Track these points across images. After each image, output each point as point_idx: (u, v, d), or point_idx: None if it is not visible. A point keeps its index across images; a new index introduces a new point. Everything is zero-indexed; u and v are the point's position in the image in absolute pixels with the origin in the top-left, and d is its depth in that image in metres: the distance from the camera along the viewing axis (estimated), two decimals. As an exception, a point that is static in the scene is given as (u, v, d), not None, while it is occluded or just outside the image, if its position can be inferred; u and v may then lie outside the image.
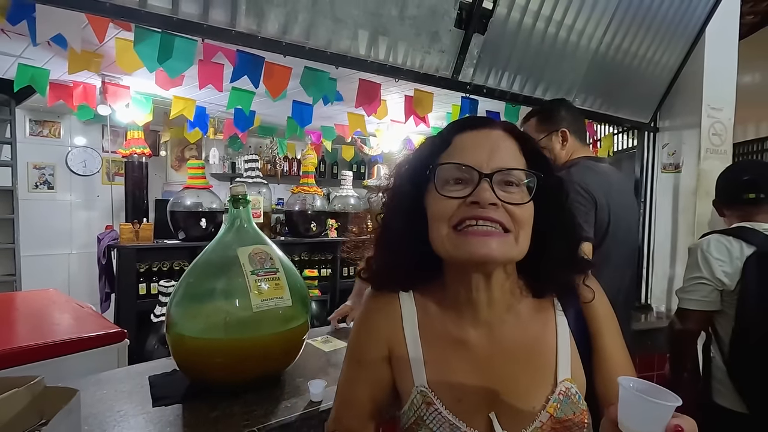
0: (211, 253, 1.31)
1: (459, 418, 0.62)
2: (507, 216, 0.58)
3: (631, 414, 0.49)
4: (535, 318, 0.66)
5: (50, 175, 3.98)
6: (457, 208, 0.58)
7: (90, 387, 1.27)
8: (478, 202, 0.57)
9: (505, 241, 0.58)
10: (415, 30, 1.50)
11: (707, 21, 2.22)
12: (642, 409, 0.48)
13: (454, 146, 0.63)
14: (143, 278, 3.14)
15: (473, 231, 0.57)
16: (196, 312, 1.25)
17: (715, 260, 1.39)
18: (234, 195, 1.35)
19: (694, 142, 2.37)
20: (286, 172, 4.95)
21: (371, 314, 0.72)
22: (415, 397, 0.65)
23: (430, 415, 0.63)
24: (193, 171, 3.40)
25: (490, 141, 0.61)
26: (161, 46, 1.68)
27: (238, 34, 1.31)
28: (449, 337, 0.66)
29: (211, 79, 1.96)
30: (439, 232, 0.60)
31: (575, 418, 0.61)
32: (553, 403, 0.61)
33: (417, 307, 0.69)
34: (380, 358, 0.69)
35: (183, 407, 1.16)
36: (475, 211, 0.57)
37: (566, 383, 0.62)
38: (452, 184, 0.60)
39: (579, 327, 0.66)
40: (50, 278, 3.79)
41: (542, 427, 0.60)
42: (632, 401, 0.49)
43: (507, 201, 0.58)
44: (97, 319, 1.83)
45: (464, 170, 0.59)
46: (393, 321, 0.69)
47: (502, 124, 0.65)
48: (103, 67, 2.50)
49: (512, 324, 0.66)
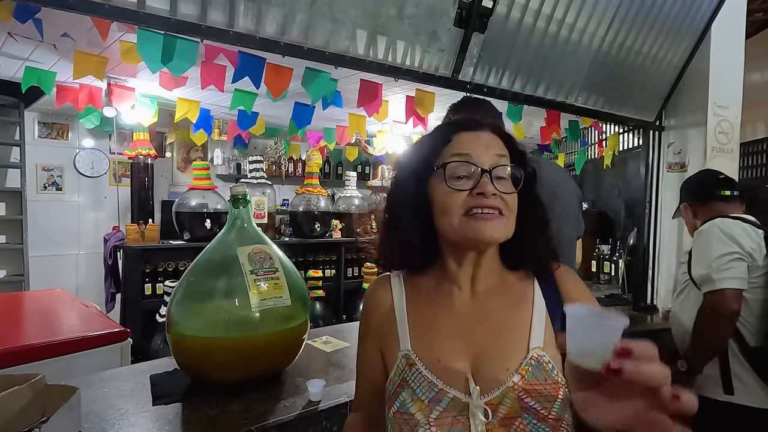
0: (212, 253, 1.32)
1: (437, 377, 0.68)
2: (503, 203, 0.69)
3: (577, 340, 0.45)
4: (514, 291, 0.75)
5: (58, 177, 4.03)
6: (465, 199, 0.69)
7: (93, 385, 1.28)
8: (483, 193, 0.68)
9: (503, 223, 0.69)
10: (414, 29, 1.50)
11: (713, 17, 2.19)
12: (586, 332, 0.44)
13: (454, 144, 0.73)
14: (149, 278, 3.16)
15: (480, 216, 0.68)
16: (196, 311, 1.26)
17: (739, 236, 1.37)
18: (234, 195, 1.36)
19: (700, 141, 2.34)
20: (291, 173, 4.97)
21: (366, 306, 0.83)
22: (399, 361, 0.72)
23: (412, 375, 0.69)
24: (199, 172, 3.42)
25: (483, 140, 0.73)
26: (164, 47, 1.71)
27: (236, 35, 1.31)
28: (434, 306, 0.75)
29: (213, 80, 1.98)
30: (450, 219, 0.70)
31: (546, 385, 0.65)
32: (525, 366, 0.66)
33: (405, 285, 0.79)
34: (375, 343, 0.79)
35: (183, 405, 1.17)
36: (481, 201, 0.68)
37: (538, 350, 0.68)
38: (456, 179, 0.70)
39: (555, 304, 0.73)
40: (58, 278, 3.84)
41: (513, 387, 0.65)
42: (576, 325, 0.46)
43: (501, 191, 0.69)
44: (101, 318, 1.85)
45: (467, 166, 0.70)
46: (384, 306, 0.79)
47: (490, 126, 0.76)
48: (108, 69, 2.53)
49: (493, 294, 0.74)
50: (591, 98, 2.05)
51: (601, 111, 2.14)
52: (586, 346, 0.45)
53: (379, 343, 0.78)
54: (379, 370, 0.77)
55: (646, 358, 0.43)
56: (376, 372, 0.77)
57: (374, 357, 0.78)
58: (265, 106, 3.00)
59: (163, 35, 1.70)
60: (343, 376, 1.37)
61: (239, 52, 1.79)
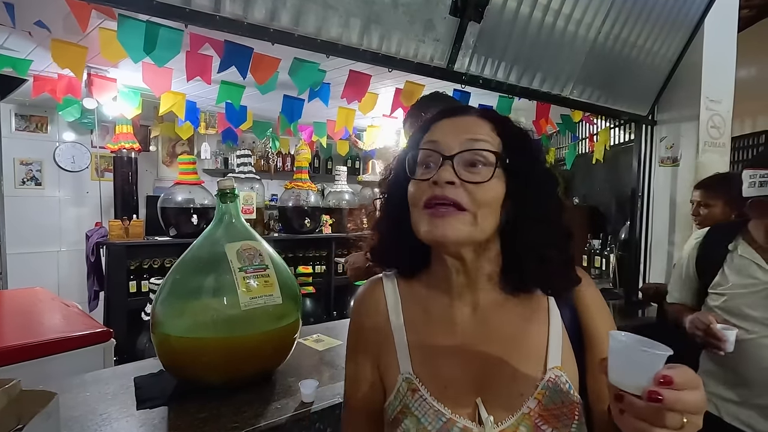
0: (199, 249, 1.27)
1: (445, 405, 0.61)
2: (465, 195, 0.58)
3: (620, 366, 0.48)
4: (524, 304, 0.66)
5: (38, 171, 3.90)
6: (425, 190, 0.61)
7: (73, 389, 1.23)
8: (437, 182, 0.59)
9: (461, 220, 0.58)
10: (409, 18, 1.45)
11: (706, 11, 2.18)
12: (630, 358, 0.47)
13: (429, 132, 0.66)
14: (134, 276, 3.10)
15: (431, 212, 0.59)
16: (182, 310, 1.21)
17: None
18: (222, 189, 1.31)
19: (692, 135, 2.35)
20: (280, 168, 4.89)
21: (357, 313, 0.75)
22: (400, 386, 0.64)
23: (416, 402, 0.62)
24: (185, 166, 3.35)
25: (460, 126, 0.64)
26: (146, 35, 1.63)
27: (223, 20, 1.25)
28: (434, 321, 0.67)
29: (199, 72, 1.91)
30: (413, 215, 0.63)
31: (564, 408, 0.59)
32: (541, 390, 0.60)
33: (401, 295, 0.71)
34: (368, 358, 0.71)
35: (169, 409, 1.12)
36: (434, 191, 0.59)
37: (556, 371, 0.61)
38: (423, 169, 0.63)
39: (573, 322, 0.66)
40: (38, 277, 3.72)
41: (530, 413, 0.59)
42: (620, 350, 0.48)
43: (467, 180, 0.59)
44: (82, 318, 1.78)
45: (431, 155, 0.62)
46: (377, 315, 0.71)
47: (478, 110, 0.67)
48: (88, 59, 2.43)
49: (500, 308, 0.66)
50: (586, 91, 2.04)
51: (595, 104, 2.12)
52: (628, 371, 0.47)
53: (374, 359, 0.71)
54: (376, 389, 0.70)
55: (687, 387, 0.44)
56: (373, 393, 0.70)
57: (368, 374, 0.71)
58: (252, 99, 2.92)
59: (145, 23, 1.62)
60: (336, 376, 1.33)
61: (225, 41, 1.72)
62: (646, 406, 0.45)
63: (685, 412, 0.44)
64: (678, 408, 0.44)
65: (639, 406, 0.45)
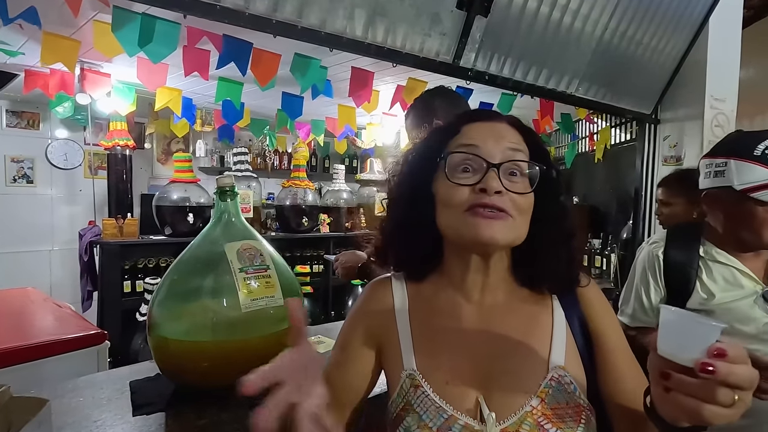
0: (197, 249, 1.23)
1: (446, 401, 0.62)
2: (510, 203, 0.62)
3: (673, 338, 0.47)
4: (530, 304, 0.68)
5: (29, 169, 3.82)
6: (468, 195, 0.63)
7: (66, 393, 1.18)
8: (485, 190, 0.61)
9: (508, 225, 0.62)
10: (415, 10, 1.41)
11: (711, 9, 2.17)
12: (684, 329, 0.46)
13: (462, 135, 0.67)
14: (128, 275, 3.04)
15: (481, 214, 0.61)
16: (180, 312, 1.17)
17: None
18: (221, 187, 1.26)
19: (696, 134, 2.33)
20: (277, 166, 4.85)
21: (363, 304, 0.75)
22: (404, 382, 0.65)
23: (418, 398, 0.63)
24: (180, 164, 3.30)
25: (496, 132, 0.65)
26: (142, 28, 1.58)
27: (223, 10, 1.20)
28: (440, 319, 0.68)
29: (196, 67, 1.86)
30: (449, 216, 0.64)
31: (569, 408, 0.60)
32: (544, 388, 0.60)
33: (409, 294, 0.72)
34: (364, 347, 0.72)
35: (166, 415, 1.08)
36: (483, 198, 0.61)
37: (559, 370, 0.62)
38: (461, 172, 0.64)
39: (580, 326, 0.67)
40: (30, 276, 3.64)
41: (532, 412, 0.59)
42: (673, 321, 0.47)
43: (511, 190, 0.62)
44: (76, 319, 1.73)
45: (473, 159, 0.63)
46: (384, 311, 0.72)
47: (507, 118, 0.69)
48: (81, 54, 2.37)
49: (506, 308, 0.67)
50: (591, 89, 2.01)
51: (600, 102, 2.10)
52: (682, 342, 0.46)
53: (376, 351, 0.72)
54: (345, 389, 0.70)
55: (739, 361, 0.43)
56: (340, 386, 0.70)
57: (342, 375, 0.71)
58: (249, 96, 2.87)
59: (141, 15, 1.57)
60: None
61: (224, 35, 1.67)
62: (697, 382, 0.44)
63: (737, 387, 0.43)
64: (731, 381, 0.43)
65: (689, 382, 0.44)
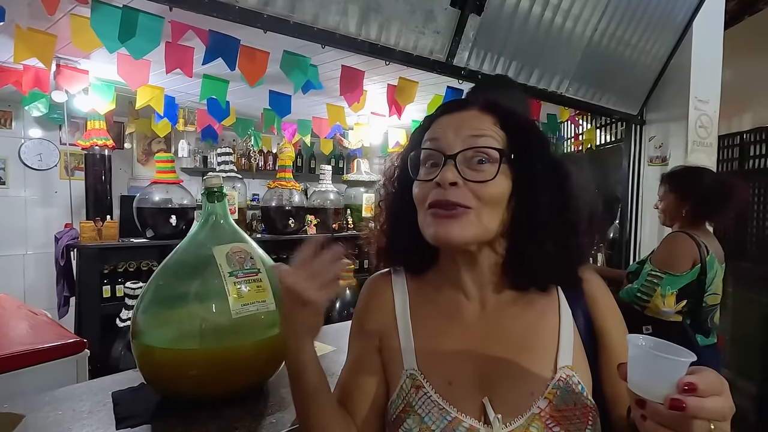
0: (184, 253, 1.18)
1: (449, 402, 0.59)
2: (470, 194, 0.58)
3: (640, 373, 0.45)
4: (534, 301, 0.65)
5: (1, 170, 3.67)
6: (429, 191, 0.60)
7: (44, 407, 1.11)
8: (440, 184, 0.58)
9: (465, 222, 0.58)
10: (410, 7, 1.39)
11: (695, 13, 2.21)
12: (651, 365, 0.44)
13: (430, 131, 0.64)
14: (107, 280, 2.94)
15: (435, 213, 0.59)
16: (166, 319, 1.11)
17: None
18: (209, 188, 1.21)
19: (681, 135, 2.37)
20: (262, 167, 4.77)
21: (362, 303, 0.74)
22: (404, 382, 0.63)
23: (419, 400, 0.61)
24: (162, 164, 3.20)
25: (459, 122, 0.62)
26: (122, 22, 1.52)
27: (212, 3, 1.15)
28: (442, 317, 0.66)
29: (179, 63, 1.79)
30: (419, 215, 0.63)
31: (576, 410, 0.58)
32: (552, 389, 0.58)
33: (409, 291, 0.70)
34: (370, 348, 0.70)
35: (152, 427, 1.02)
36: (438, 195, 0.58)
37: (567, 370, 0.60)
38: (429, 167, 0.62)
39: (586, 325, 0.64)
40: (3, 282, 3.50)
41: (540, 413, 0.57)
42: (640, 356, 0.45)
43: (471, 179, 0.58)
44: (52, 327, 1.65)
45: (433, 154, 0.61)
46: (384, 308, 0.70)
47: (480, 102, 0.65)
48: (58, 49, 2.27)
49: (510, 306, 0.65)
50: (581, 90, 2.03)
51: (589, 102, 2.12)
52: (650, 378, 0.44)
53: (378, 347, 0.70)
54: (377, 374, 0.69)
55: (711, 393, 0.42)
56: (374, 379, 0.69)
57: (372, 359, 0.70)
58: (235, 95, 2.80)
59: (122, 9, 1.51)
60: (331, 384, 1.25)
61: (210, 30, 1.62)
62: (671, 414, 0.43)
63: (710, 419, 0.42)
64: (702, 416, 0.42)
65: (662, 413, 0.43)
